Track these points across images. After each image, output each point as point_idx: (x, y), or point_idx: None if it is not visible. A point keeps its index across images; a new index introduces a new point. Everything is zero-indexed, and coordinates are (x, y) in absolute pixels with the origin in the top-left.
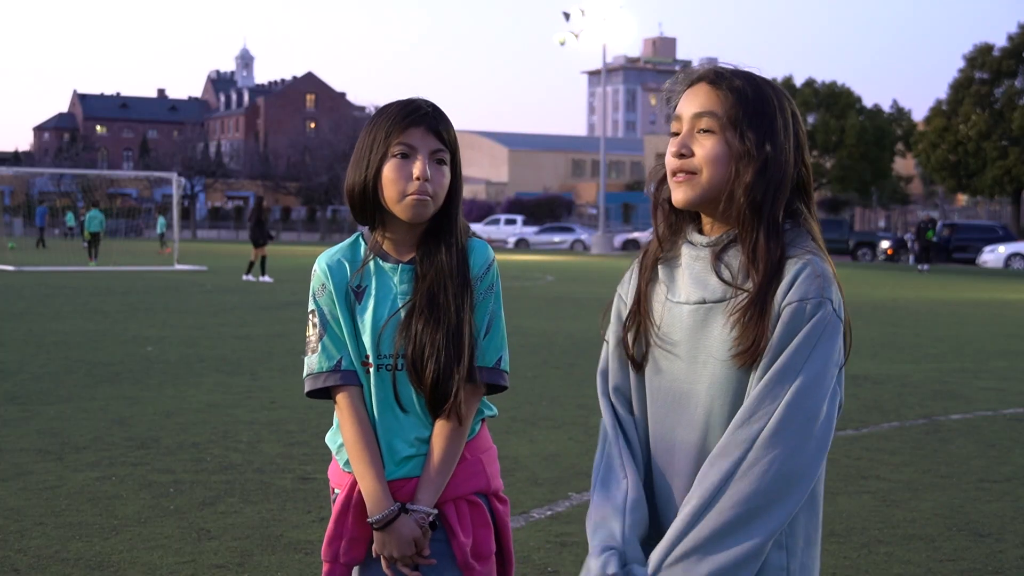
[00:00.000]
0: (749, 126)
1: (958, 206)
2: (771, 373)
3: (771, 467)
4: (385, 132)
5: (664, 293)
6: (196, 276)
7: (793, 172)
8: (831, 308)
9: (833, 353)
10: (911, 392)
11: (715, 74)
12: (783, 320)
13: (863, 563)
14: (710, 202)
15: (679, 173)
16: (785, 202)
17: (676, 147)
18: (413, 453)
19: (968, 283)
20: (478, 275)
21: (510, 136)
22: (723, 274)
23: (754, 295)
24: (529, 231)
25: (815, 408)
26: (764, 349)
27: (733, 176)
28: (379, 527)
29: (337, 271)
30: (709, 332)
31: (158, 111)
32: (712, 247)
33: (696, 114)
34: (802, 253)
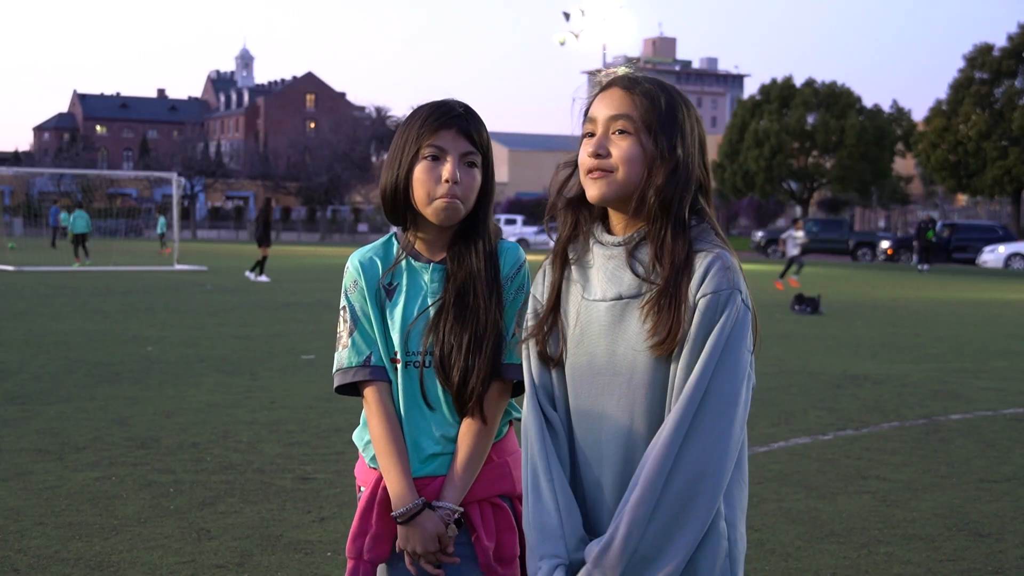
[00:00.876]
0: (662, 131)
1: (958, 206)
2: (696, 366)
3: (702, 456)
4: (416, 133)
5: (579, 292)
6: (196, 276)
7: (697, 173)
8: (740, 299)
9: (746, 341)
10: (911, 392)
11: (628, 80)
12: (699, 311)
13: (863, 563)
14: (622, 200)
15: (595, 171)
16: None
17: (593, 147)
18: (439, 451)
19: (968, 283)
20: (509, 275)
21: (510, 136)
22: (637, 270)
23: (663, 287)
24: (529, 231)
25: (735, 392)
26: (680, 338)
27: (646, 177)
28: (403, 521)
29: (369, 268)
30: (627, 326)
31: (158, 111)
32: (625, 245)
33: (611, 116)
34: (710, 247)
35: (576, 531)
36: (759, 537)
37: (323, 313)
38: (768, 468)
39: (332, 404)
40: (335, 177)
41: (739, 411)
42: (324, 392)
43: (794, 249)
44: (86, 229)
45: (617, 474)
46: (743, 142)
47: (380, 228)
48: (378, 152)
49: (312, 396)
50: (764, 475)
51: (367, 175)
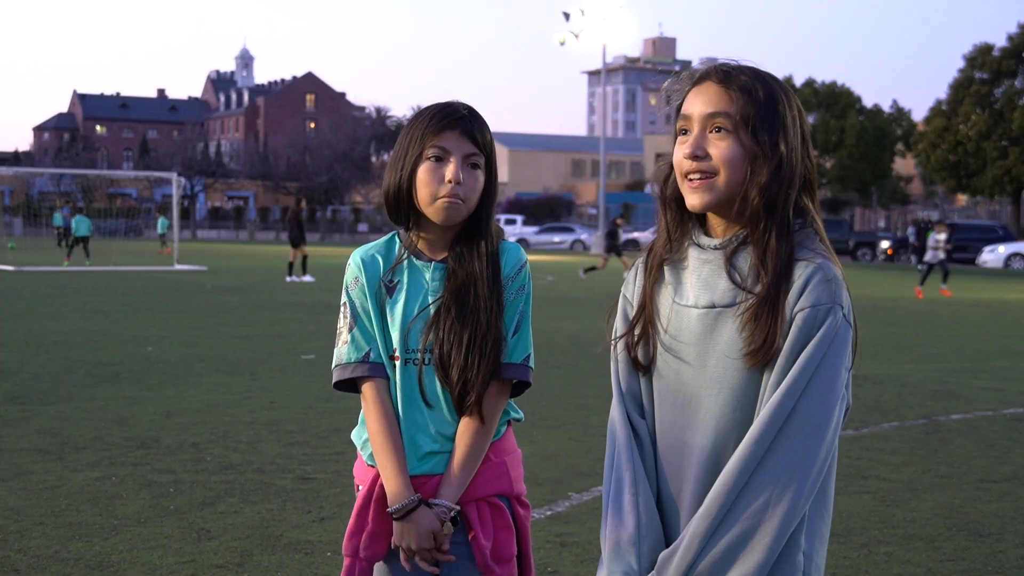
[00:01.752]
0: (762, 126)
1: (958, 206)
2: (785, 381)
3: (781, 478)
4: (420, 134)
5: (671, 295)
6: (196, 276)
7: (801, 169)
8: (842, 314)
9: (844, 359)
10: (911, 392)
11: (723, 73)
12: (796, 326)
13: (863, 563)
14: (725, 203)
15: (695, 175)
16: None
17: (691, 148)
18: (436, 449)
19: (968, 283)
20: (510, 275)
21: (510, 136)
22: (734, 277)
23: (764, 295)
24: (529, 231)
25: (827, 414)
26: (775, 350)
27: (748, 176)
28: (398, 517)
29: (371, 265)
30: (719, 335)
31: (158, 111)
32: (722, 249)
33: (709, 114)
34: (812, 256)
35: (653, 550)
36: None
37: (323, 313)
38: None
39: (332, 404)
40: (335, 177)
41: (829, 434)
42: (324, 392)
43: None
44: (88, 232)
45: (698, 491)
46: None
47: (380, 228)
48: (378, 152)
49: (312, 396)
50: None
51: (367, 175)
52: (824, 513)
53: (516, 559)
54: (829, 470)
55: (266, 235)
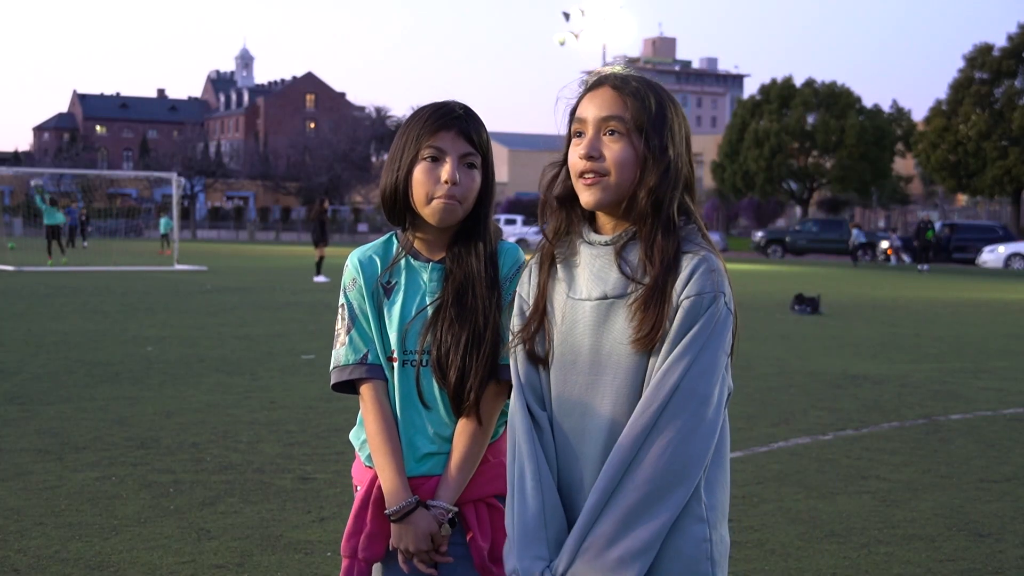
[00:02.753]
0: (653, 131)
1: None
2: (667, 362)
3: (666, 451)
4: (416, 135)
5: (565, 291)
6: (196, 276)
7: (685, 172)
8: (723, 302)
9: (723, 343)
10: (911, 392)
11: (618, 79)
12: (682, 311)
13: (863, 563)
14: (616, 202)
15: (588, 175)
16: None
17: (585, 148)
18: (434, 451)
19: (968, 283)
20: (508, 276)
21: (510, 136)
22: (624, 270)
23: (652, 284)
24: (529, 231)
25: (707, 393)
26: (662, 334)
27: (639, 178)
28: (396, 519)
29: (368, 266)
30: (611, 325)
31: (158, 111)
32: (613, 244)
33: (603, 117)
34: (697, 249)
35: (559, 534)
36: (759, 537)
37: (323, 313)
38: (768, 468)
39: (332, 404)
40: (335, 177)
41: (710, 411)
42: (324, 392)
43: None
44: (59, 222)
45: (594, 472)
46: (743, 142)
47: (380, 228)
48: (378, 152)
49: (312, 396)
50: (764, 475)
51: (367, 175)
52: (723, 483)
53: None
54: (721, 444)
55: (266, 235)
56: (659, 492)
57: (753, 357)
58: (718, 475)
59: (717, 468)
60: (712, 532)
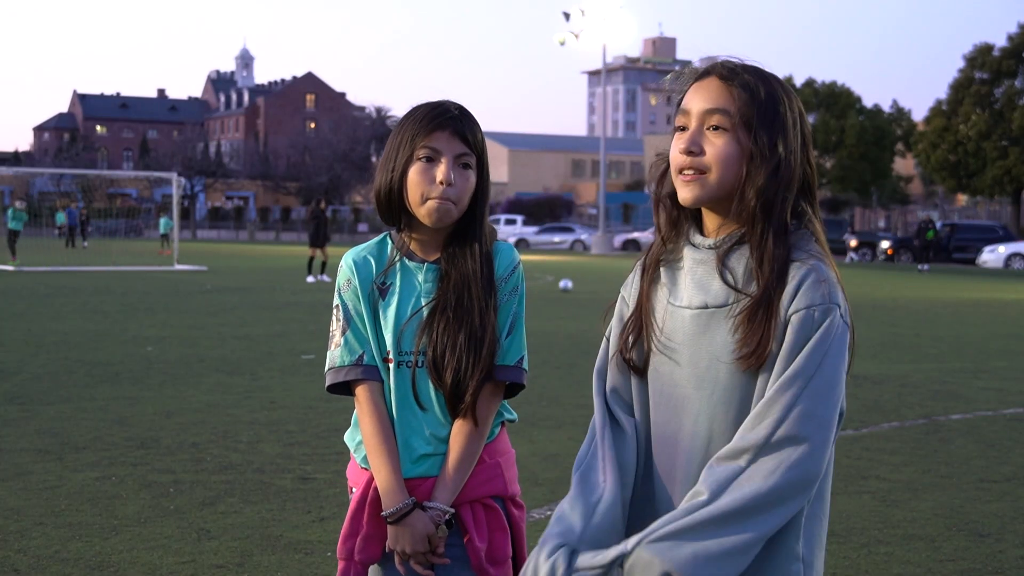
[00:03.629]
0: (762, 126)
1: (958, 206)
2: (783, 379)
3: (778, 469)
4: (411, 135)
5: (666, 296)
6: (196, 276)
7: (799, 172)
8: (839, 314)
9: (843, 360)
10: (911, 392)
11: (726, 69)
12: (792, 327)
13: (863, 563)
14: (718, 201)
15: (687, 171)
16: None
17: (686, 143)
18: (430, 452)
19: (968, 283)
20: (503, 276)
21: (510, 136)
22: (727, 278)
23: (759, 297)
24: (529, 231)
25: (827, 415)
26: (769, 352)
27: (744, 177)
28: (392, 521)
29: (363, 267)
30: (712, 337)
31: (158, 111)
32: (716, 249)
33: (707, 110)
34: (806, 257)
35: (605, 525)
36: None
37: (323, 313)
38: None
39: (332, 404)
40: (335, 177)
41: (829, 436)
42: (324, 392)
43: None
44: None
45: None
46: None
47: (379, 228)
48: (378, 152)
49: (312, 396)
50: None
51: (367, 175)
52: (822, 518)
53: (511, 560)
54: (825, 475)
55: (266, 235)
56: (757, 509)
57: None
58: (818, 509)
59: (818, 501)
60: (807, 571)
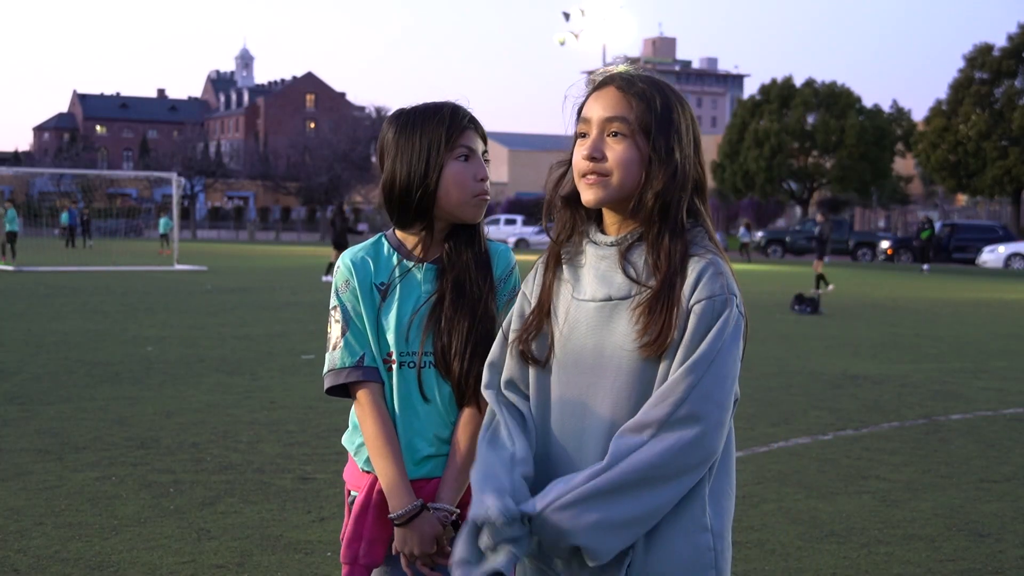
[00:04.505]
0: (659, 133)
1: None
2: (688, 363)
3: (676, 445)
4: (445, 135)
5: (569, 291)
6: (196, 276)
7: (693, 173)
8: (736, 304)
9: (738, 347)
10: (911, 392)
11: (623, 79)
12: (695, 316)
13: (863, 563)
14: (618, 202)
15: (591, 175)
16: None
17: (588, 150)
18: (433, 452)
19: (968, 283)
20: (502, 278)
21: (510, 136)
22: (629, 272)
23: (658, 289)
24: (529, 231)
25: (724, 398)
26: (671, 340)
27: (644, 180)
28: (400, 523)
29: (361, 268)
30: (615, 327)
31: (158, 111)
32: (618, 246)
33: (607, 118)
34: (704, 252)
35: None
36: (759, 537)
37: (323, 313)
38: (768, 468)
39: (332, 404)
40: (335, 177)
41: (725, 417)
42: (324, 392)
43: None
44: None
45: None
46: (743, 142)
47: (380, 228)
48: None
49: (312, 396)
50: (764, 475)
51: (367, 175)
52: (728, 493)
53: None
54: (727, 452)
55: (266, 235)
56: (654, 481)
57: (753, 357)
58: (723, 484)
59: (723, 476)
60: (717, 540)
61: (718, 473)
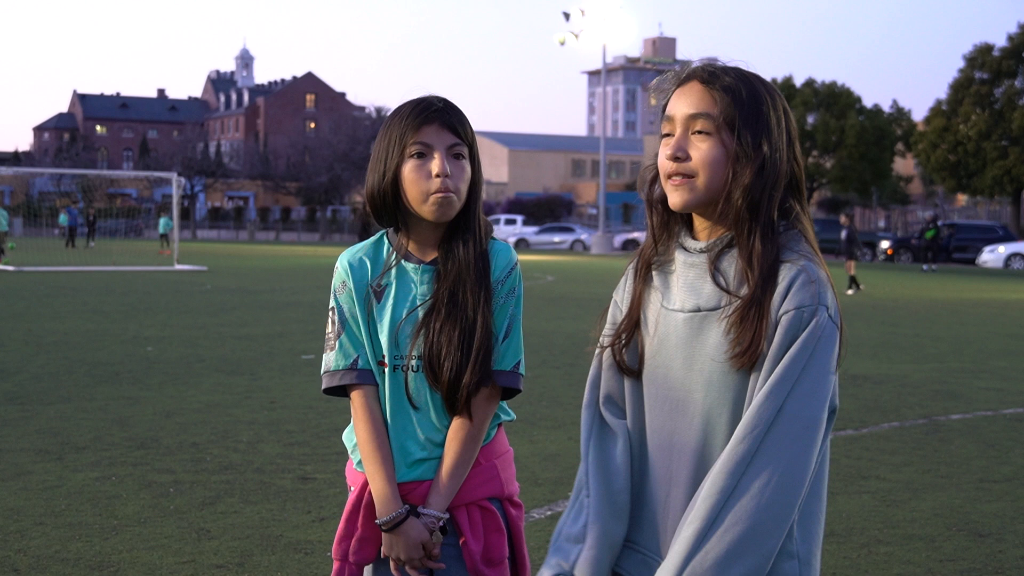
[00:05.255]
0: (745, 127)
1: (958, 206)
2: (769, 383)
3: (771, 480)
4: (400, 133)
5: (659, 300)
6: (196, 276)
7: (786, 169)
8: (827, 315)
9: (830, 360)
10: (911, 392)
11: (707, 73)
12: (781, 328)
13: (863, 563)
14: (706, 204)
15: (675, 176)
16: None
17: (672, 149)
18: (425, 456)
19: (968, 283)
20: (500, 278)
21: (510, 136)
22: (719, 281)
23: (750, 297)
24: (529, 231)
25: (814, 416)
26: (761, 351)
27: (731, 178)
28: (387, 529)
29: (358, 269)
30: (705, 339)
31: (158, 111)
32: (707, 253)
33: (691, 115)
34: (796, 258)
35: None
36: None
37: (323, 313)
38: None
39: (332, 404)
40: (335, 177)
41: (817, 436)
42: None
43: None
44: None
45: (687, 494)
46: None
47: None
48: None
49: (312, 396)
50: None
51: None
52: (818, 515)
53: (509, 560)
54: (820, 472)
55: (266, 235)
56: (764, 525)
57: None
58: (814, 506)
59: (814, 498)
60: (803, 569)
61: (808, 494)
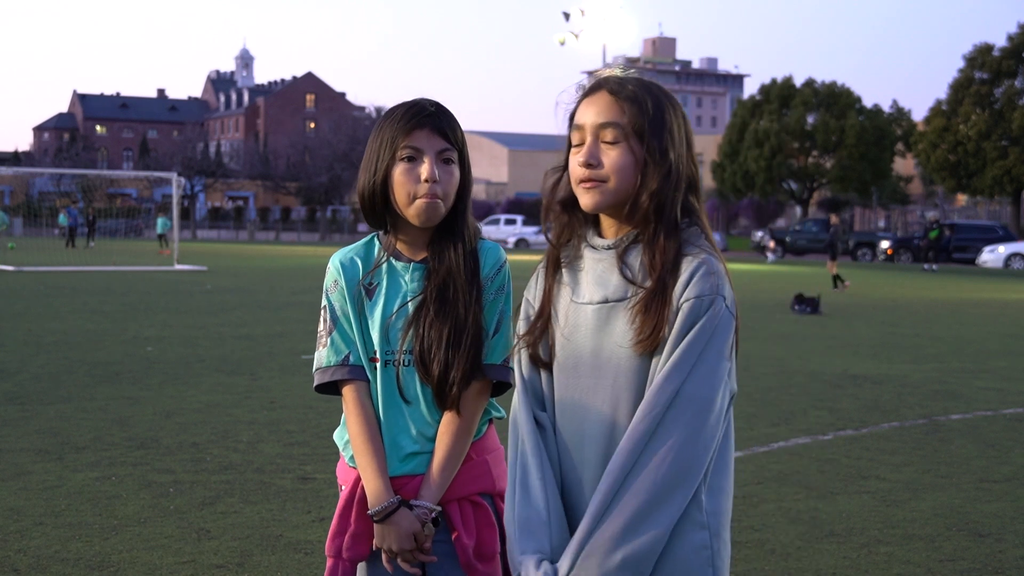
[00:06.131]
0: (652, 135)
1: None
2: (668, 366)
3: (667, 456)
4: (391, 136)
5: (569, 295)
6: (196, 276)
7: (686, 172)
8: (724, 305)
9: (725, 346)
10: (911, 392)
11: (614, 83)
12: (681, 314)
13: (863, 563)
14: (615, 206)
15: (587, 181)
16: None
17: (584, 157)
18: (417, 450)
19: (968, 283)
20: (489, 275)
21: (510, 136)
22: (626, 273)
23: (654, 287)
24: (529, 231)
25: (709, 397)
26: (663, 336)
27: (639, 182)
28: (378, 519)
29: (350, 268)
30: (612, 328)
31: (158, 111)
32: (615, 249)
33: (600, 124)
34: (697, 252)
35: (561, 533)
36: (759, 537)
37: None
38: (768, 468)
39: (332, 404)
40: (335, 177)
41: (711, 416)
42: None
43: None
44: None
45: (598, 476)
46: (743, 142)
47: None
48: None
49: (312, 396)
50: (764, 475)
51: None
52: (727, 489)
53: (500, 556)
54: (725, 449)
55: (266, 235)
56: (660, 498)
57: (753, 357)
58: (721, 481)
59: (720, 474)
60: (713, 539)
61: (714, 470)
